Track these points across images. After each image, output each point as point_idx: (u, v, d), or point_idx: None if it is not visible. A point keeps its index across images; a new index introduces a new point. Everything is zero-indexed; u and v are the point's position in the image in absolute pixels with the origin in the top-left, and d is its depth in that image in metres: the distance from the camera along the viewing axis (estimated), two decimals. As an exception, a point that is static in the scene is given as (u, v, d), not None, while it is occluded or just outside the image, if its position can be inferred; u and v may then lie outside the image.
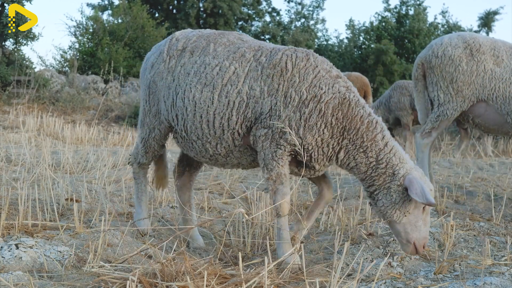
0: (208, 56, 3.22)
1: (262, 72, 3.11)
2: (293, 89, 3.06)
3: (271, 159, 3.08)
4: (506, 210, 4.59)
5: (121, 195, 4.73)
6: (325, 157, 3.15)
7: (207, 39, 3.31)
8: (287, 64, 3.09)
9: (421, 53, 5.35)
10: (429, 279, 2.92)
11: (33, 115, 10.33)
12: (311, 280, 2.70)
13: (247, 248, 3.47)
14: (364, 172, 3.11)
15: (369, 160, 3.09)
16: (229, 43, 3.28)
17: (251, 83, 3.11)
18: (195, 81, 3.19)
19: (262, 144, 3.08)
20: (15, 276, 2.62)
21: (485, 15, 23.66)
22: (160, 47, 3.47)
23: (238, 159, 3.30)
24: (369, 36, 22.37)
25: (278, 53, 3.14)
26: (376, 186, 3.11)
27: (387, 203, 3.06)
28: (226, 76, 3.14)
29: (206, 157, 3.34)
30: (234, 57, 3.18)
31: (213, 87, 3.14)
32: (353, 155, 3.11)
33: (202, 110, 3.16)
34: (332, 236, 3.73)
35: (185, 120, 3.23)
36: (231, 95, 3.11)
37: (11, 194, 4.16)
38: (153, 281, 2.47)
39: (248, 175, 6.21)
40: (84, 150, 7.13)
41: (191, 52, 3.28)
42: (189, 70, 3.23)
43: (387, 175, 3.07)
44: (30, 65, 13.35)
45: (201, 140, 3.23)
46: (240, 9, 25.57)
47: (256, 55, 3.18)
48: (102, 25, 17.82)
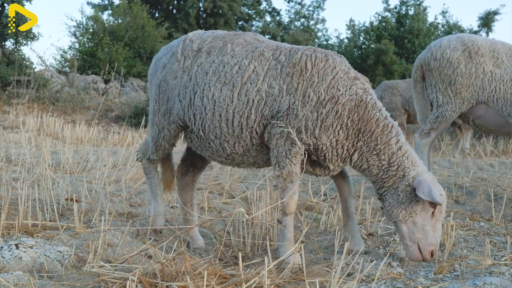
0: (226, 55, 3.23)
1: (282, 70, 3.14)
2: (311, 89, 3.09)
3: (284, 157, 3.10)
4: (506, 210, 4.59)
5: (121, 195, 4.73)
6: (339, 158, 3.18)
7: (223, 40, 3.31)
8: (307, 64, 3.12)
9: (420, 55, 5.35)
10: (429, 279, 2.92)
11: (33, 115, 10.33)
12: (311, 280, 2.70)
13: (247, 248, 3.47)
14: (375, 174, 3.15)
15: (381, 163, 3.12)
16: (246, 43, 3.29)
17: (270, 82, 3.13)
18: (214, 80, 3.19)
19: (277, 142, 3.11)
20: (15, 276, 2.62)
21: (485, 15, 23.65)
22: (173, 48, 3.45)
23: (254, 158, 3.32)
24: (369, 36, 22.35)
25: (298, 53, 3.17)
26: (385, 188, 3.14)
27: (393, 202, 3.08)
28: (245, 74, 3.16)
29: (223, 156, 3.33)
30: (253, 55, 3.20)
31: (233, 85, 3.16)
32: (366, 157, 3.14)
33: (222, 108, 3.17)
34: (332, 236, 3.73)
35: (203, 119, 3.22)
36: (250, 93, 3.13)
37: (11, 194, 4.16)
38: (153, 281, 2.47)
39: (248, 175, 6.21)
40: (84, 150, 7.12)
41: (207, 52, 3.28)
42: (207, 69, 3.23)
43: (397, 177, 3.10)
44: (30, 65, 13.35)
45: (219, 139, 3.23)
46: (240, 9, 25.56)
47: (275, 54, 3.21)
48: (102, 25, 17.81)
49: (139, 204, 4.61)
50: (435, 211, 3.05)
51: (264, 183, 5.54)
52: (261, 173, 6.31)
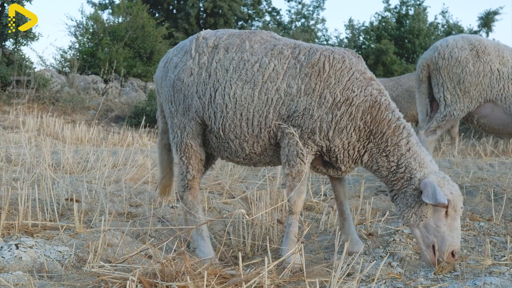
0: (245, 52, 3.20)
1: (301, 70, 3.12)
2: (328, 90, 3.08)
3: (295, 156, 3.11)
4: (506, 210, 4.59)
5: (121, 195, 4.73)
6: (350, 159, 3.19)
7: (240, 37, 3.29)
8: (325, 64, 3.11)
9: (425, 55, 5.35)
10: (429, 279, 2.92)
11: (33, 115, 10.33)
12: (311, 280, 2.70)
13: (247, 248, 3.47)
14: (385, 176, 3.14)
15: (390, 164, 3.11)
16: (263, 40, 3.27)
17: (289, 81, 3.11)
18: (235, 78, 3.15)
19: (289, 141, 3.11)
20: (15, 276, 2.62)
21: (485, 15, 23.65)
22: (185, 47, 3.39)
23: (271, 157, 3.31)
24: (369, 36, 22.35)
25: (317, 53, 3.15)
26: (395, 191, 3.12)
27: (403, 207, 3.06)
28: (266, 73, 3.13)
29: (241, 156, 3.30)
30: (272, 53, 3.18)
31: (254, 84, 3.13)
32: (375, 159, 3.14)
33: (243, 107, 3.13)
34: (332, 236, 3.73)
35: (224, 118, 3.17)
36: (270, 92, 3.12)
37: (11, 194, 4.16)
38: (153, 281, 2.47)
39: (248, 175, 6.21)
40: (84, 150, 7.12)
41: (225, 49, 3.24)
42: (227, 66, 3.19)
43: (405, 180, 3.08)
44: (30, 65, 13.35)
45: (239, 139, 3.20)
46: (240, 9, 25.57)
47: (294, 53, 3.19)
48: (102, 25, 17.81)
49: (139, 204, 4.61)
50: (448, 210, 2.99)
51: (264, 183, 5.54)
52: (261, 173, 6.31)
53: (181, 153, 3.35)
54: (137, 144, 8.49)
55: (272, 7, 28.14)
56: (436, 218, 3.00)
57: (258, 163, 3.40)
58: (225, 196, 5.05)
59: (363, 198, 4.95)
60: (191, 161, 3.35)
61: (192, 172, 3.35)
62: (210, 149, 3.42)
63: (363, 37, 23.07)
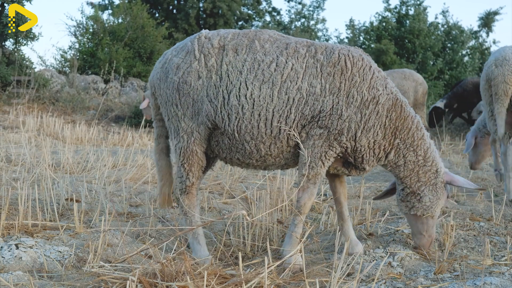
0: (257, 53, 3.11)
1: (322, 69, 3.08)
2: (354, 89, 3.07)
3: (318, 158, 3.09)
4: (506, 210, 4.59)
5: (121, 195, 4.73)
6: (376, 158, 3.21)
7: (247, 36, 3.19)
8: (347, 63, 3.10)
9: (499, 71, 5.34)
10: (429, 279, 2.92)
11: (33, 115, 10.33)
12: (311, 280, 2.70)
13: (247, 248, 3.47)
14: (411, 169, 3.25)
15: (418, 158, 3.23)
16: (273, 39, 3.19)
17: (311, 80, 3.06)
18: (251, 78, 3.06)
19: (314, 142, 3.07)
20: (15, 276, 2.62)
21: (485, 15, 23.66)
22: (186, 47, 3.24)
23: (286, 159, 3.24)
24: (369, 36, 22.35)
25: (335, 52, 3.13)
26: (421, 182, 3.26)
27: (433, 198, 3.28)
28: (285, 72, 3.06)
29: (255, 158, 3.20)
30: (288, 53, 3.11)
31: (272, 83, 3.05)
32: (403, 154, 3.22)
33: (261, 107, 3.05)
34: (332, 236, 3.73)
35: (240, 120, 3.08)
36: (291, 92, 3.05)
37: (11, 194, 4.16)
38: (153, 281, 2.47)
39: (248, 175, 6.21)
40: (84, 150, 7.12)
41: (234, 50, 3.13)
42: (240, 68, 3.08)
43: (432, 172, 3.27)
44: (30, 65, 13.34)
45: (255, 140, 3.11)
46: (240, 9, 25.58)
47: (310, 51, 3.13)
48: (102, 25, 17.81)
49: (139, 204, 4.61)
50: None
51: (264, 183, 5.54)
52: (261, 173, 6.30)
53: (184, 159, 3.24)
54: (137, 144, 8.49)
55: (272, 7, 28.15)
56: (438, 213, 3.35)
57: (272, 165, 3.30)
58: (225, 196, 5.05)
59: (363, 198, 4.95)
60: (192, 168, 3.26)
61: (192, 179, 3.27)
62: (219, 151, 3.29)
63: (363, 37, 23.07)
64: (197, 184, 3.30)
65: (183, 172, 3.26)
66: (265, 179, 5.77)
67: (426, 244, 3.34)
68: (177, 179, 3.32)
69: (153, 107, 3.49)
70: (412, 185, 3.27)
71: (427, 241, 3.34)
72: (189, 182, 3.26)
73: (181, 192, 3.29)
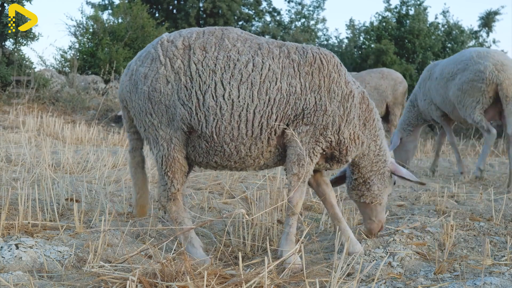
0: (230, 51, 3.05)
1: (299, 69, 3.13)
2: (334, 84, 3.18)
3: (306, 155, 3.13)
4: (506, 210, 4.59)
5: (121, 195, 4.73)
6: (356, 148, 3.32)
7: (214, 35, 3.12)
8: (322, 61, 3.19)
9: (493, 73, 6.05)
10: (429, 279, 2.92)
11: (33, 115, 10.33)
12: (311, 280, 2.70)
13: (247, 248, 3.47)
14: (370, 159, 3.44)
15: (376, 147, 3.43)
16: (242, 38, 3.14)
17: (290, 80, 3.09)
18: (227, 78, 3.00)
19: (302, 140, 3.12)
20: (15, 276, 2.62)
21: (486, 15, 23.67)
22: (149, 55, 3.15)
23: (266, 160, 3.23)
24: (369, 36, 22.36)
25: (308, 51, 3.20)
26: (373, 172, 3.47)
27: (381, 187, 3.50)
28: (263, 72, 3.05)
29: (233, 160, 3.17)
30: (262, 53, 3.10)
31: (251, 84, 3.02)
32: (369, 144, 3.40)
33: (241, 108, 3.01)
34: (332, 236, 3.73)
35: (219, 121, 3.02)
36: (271, 92, 3.05)
37: (11, 194, 4.16)
38: (153, 281, 2.47)
39: (248, 175, 6.21)
40: (84, 150, 7.13)
41: (202, 49, 3.05)
42: (212, 67, 3.01)
43: (382, 162, 3.48)
44: (30, 65, 13.34)
45: (235, 142, 3.07)
46: (240, 9, 25.58)
47: (283, 52, 3.16)
48: (102, 25, 17.82)
49: (139, 204, 4.61)
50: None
51: (264, 183, 5.54)
52: (261, 173, 6.31)
53: (167, 167, 3.16)
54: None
55: (272, 7, 28.16)
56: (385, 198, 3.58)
57: (250, 166, 3.28)
58: (225, 196, 5.05)
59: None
60: (176, 175, 3.18)
61: (177, 186, 3.19)
62: (195, 156, 3.22)
63: (363, 37, 23.07)
64: (182, 189, 3.25)
65: (167, 180, 3.19)
66: (265, 179, 5.77)
67: (376, 228, 3.56)
68: (161, 188, 3.24)
69: (126, 120, 3.41)
70: (365, 174, 3.46)
71: (377, 226, 3.56)
72: (174, 189, 3.20)
73: (167, 200, 3.23)
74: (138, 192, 3.47)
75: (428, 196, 5.32)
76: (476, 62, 6.19)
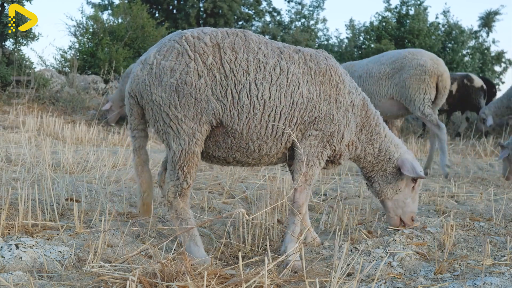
0: (257, 54, 3.16)
1: (315, 77, 3.29)
2: (340, 95, 3.36)
3: (315, 158, 3.32)
4: (506, 210, 4.59)
5: (121, 195, 4.73)
6: (349, 153, 3.56)
7: (237, 36, 3.19)
8: (331, 72, 3.36)
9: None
10: (429, 279, 2.92)
11: (33, 115, 10.33)
12: (311, 280, 2.70)
13: (247, 248, 3.47)
14: (369, 161, 3.63)
15: (374, 150, 3.61)
16: (263, 41, 3.26)
17: (308, 87, 3.26)
18: (260, 79, 3.13)
19: (310, 142, 3.29)
20: (15, 276, 2.62)
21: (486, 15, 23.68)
22: (172, 49, 3.13)
23: (278, 159, 3.41)
24: (369, 36, 22.36)
25: (320, 62, 3.35)
26: (375, 171, 3.67)
27: (382, 184, 3.67)
28: (288, 76, 3.20)
29: (252, 157, 3.30)
30: (285, 57, 3.25)
31: (280, 86, 3.18)
32: (365, 148, 3.59)
33: (271, 109, 3.16)
34: (332, 236, 3.74)
35: (251, 119, 3.14)
36: (295, 96, 3.21)
37: (11, 194, 4.16)
38: (153, 281, 2.47)
39: (248, 175, 6.21)
40: (84, 150, 7.13)
41: (231, 49, 3.13)
42: (245, 67, 3.11)
43: (385, 161, 3.63)
44: (30, 65, 13.33)
45: (260, 140, 3.21)
46: (240, 9, 25.59)
47: (301, 58, 3.31)
48: (102, 25, 17.81)
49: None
50: (415, 185, 3.70)
51: (264, 183, 5.54)
52: (261, 173, 6.31)
53: (185, 162, 3.15)
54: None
55: (272, 7, 28.16)
56: (406, 193, 3.69)
57: (262, 164, 3.44)
58: (225, 196, 5.05)
59: (363, 198, 4.95)
60: (191, 170, 3.18)
61: (189, 181, 3.20)
62: (214, 151, 3.28)
63: (363, 37, 23.07)
64: (191, 186, 3.26)
65: (181, 175, 3.17)
66: (265, 179, 5.77)
67: (395, 223, 3.75)
68: (170, 183, 3.22)
69: (134, 117, 3.33)
70: (367, 173, 3.71)
71: (396, 220, 3.74)
72: (186, 185, 3.20)
73: (175, 195, 3.21)
74: (144, 191, 3.41)
75: (428, 196, 5.32)
76: (412, 59, 6.77)
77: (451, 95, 12.69)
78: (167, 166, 3.27)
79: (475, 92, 12.53)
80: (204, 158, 3.39)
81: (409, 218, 3.73)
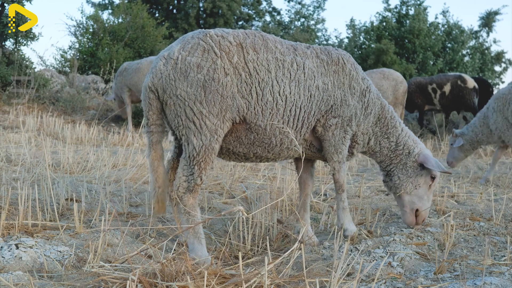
0: (275, 53, 3.31)
1: (328, 68, 3.48)
2: (354, 81, 3.54)
3: (341, 144, 3.54)
4: (506, 210, 4.59)
5: (121, 195, 4.73)
6: (362, 144, 3.69)
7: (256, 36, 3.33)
8: (344, 60, 3.54)
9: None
10: (429, 279, 2.92)
11: (33, 115, 10.34)
12: (311, 280, 2.70)
13: (247, 248, 3.47)
14: (385, 154, 3.77)
15: (391, 144, 3.73)
16: (278, 40, 3.42)
17: (323, 78, 3.44)
18: (280, 76, 3.28)
19: (333, 132, 3.49)
20: (15, 276, 2.62)
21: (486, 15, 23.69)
22: (198, 46, 3.16)
23: (295, 152, 3.53)
24: (369, 36, 22.36)
25: (331, 51, 3.56)
26: (394, 164, 3.78)
27: (402, 177, 3.75)
28: (305, 71, 3.37)
29: (273, 152, 3.42)
30: (300, 53, 3.41)
31: (298, 82, 3.34)
32: (379, 141, 3.72)
33: (292, 104, 3.31)
34: (332, 236, 3.73)
35: (274, 115, 3.28)
36: (312, 89, 3.38)
37: (11, 194, 4.16)
38: (153, 281, 2.47)
39: (248, 175, 6.21)
40: (84, 150, 7.13)
41: (253, 49, 3.24)
42: (266, 66, 3.25)
43: (404, 155, 3.75)
44: (30, 65, 13.33)
45: (281, 135, 3.34)
46: (240, 9, 25.59)
47: (313, 53, 3.49)
48: (102, 25, 17.81)
49: (139, 204, 4.61)
50: (432, 184, 3.78)
51: (264, 183, 5.54)
52: (261, 173, 6.31)
53: (203, 157, 3.15)
54: (137, 144, 8.49)
55: (272, 7, 28.17)
56: (424, 189, 3.76)
57: (281, 158, 3.56)
58: (225, 196, 5.05)
59: (363, 198, 4.95)
60: (207, 167, 3.18)
61: (203, 178, 3.20)
62: (236, 147, 3.34)
63: (364, 37, 23.07)
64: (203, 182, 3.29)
65: (196, 171, 3.17)
66: (265, 179, 5.77)
67: (408, 218, 3.77)
68: (182, 178, 3.20)
69: (153, 112, 3.29)
70: (386, 167, 3.81)
71: (410, 215, 3.76)
72: (200, 181, 3.20)
73: (185, 191, 3.20)
74: (159, 186, 3.33)
75: (428, 196, 5.31)
76: None
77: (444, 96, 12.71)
78: (181, 160, 3.24)
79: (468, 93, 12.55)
80: (223, 154, 3.45)
81: (426, 214, 3.77)
